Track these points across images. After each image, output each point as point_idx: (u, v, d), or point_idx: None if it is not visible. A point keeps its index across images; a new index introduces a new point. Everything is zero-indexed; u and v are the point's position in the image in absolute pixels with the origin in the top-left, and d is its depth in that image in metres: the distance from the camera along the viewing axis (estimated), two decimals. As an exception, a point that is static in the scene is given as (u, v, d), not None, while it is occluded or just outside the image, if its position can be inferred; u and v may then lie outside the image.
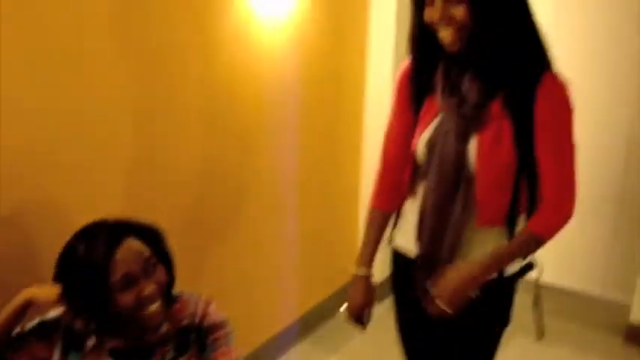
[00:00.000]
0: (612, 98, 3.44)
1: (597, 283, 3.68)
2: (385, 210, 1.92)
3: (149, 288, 1.44)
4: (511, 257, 1.72)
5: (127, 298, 1.43)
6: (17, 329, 1.56)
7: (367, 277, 1.91)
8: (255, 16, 2.54)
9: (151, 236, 1.51)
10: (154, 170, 2.24)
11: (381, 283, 2.07)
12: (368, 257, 1.91)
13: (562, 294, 3.66)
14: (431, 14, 1.58)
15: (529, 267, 1.81)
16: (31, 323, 1.58)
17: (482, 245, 1.72)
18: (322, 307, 3.43)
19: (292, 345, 3.22)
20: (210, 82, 2.42)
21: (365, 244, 1.92)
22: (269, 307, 3.04)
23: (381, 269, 2.02)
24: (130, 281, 1.43)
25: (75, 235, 1.49)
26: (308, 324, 3.33)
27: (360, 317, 1.92)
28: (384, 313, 2.02)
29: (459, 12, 1.53)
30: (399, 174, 1.86)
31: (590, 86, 3.39)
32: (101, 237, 1.44)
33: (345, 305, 1.93)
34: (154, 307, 1.46)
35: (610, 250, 3.61)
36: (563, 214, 1.67)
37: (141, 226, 1.51)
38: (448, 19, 1.55)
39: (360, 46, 3.31)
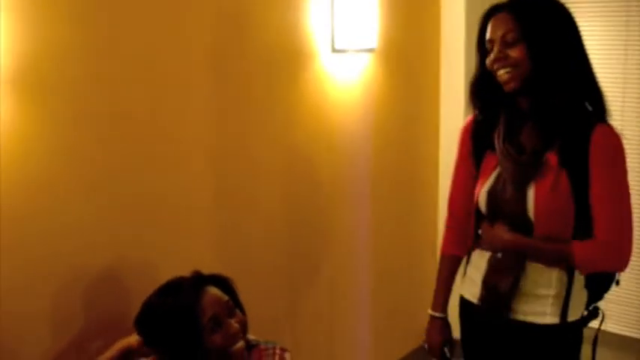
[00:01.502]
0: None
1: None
2: (455, 255, 2.03)
3: (234, 326, 1.62)
4: (539, 252, 1.78)
5: (216, 338, 1.61)
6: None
7: (442, 318, 2.03)
8: (330, 76, 2.72)
9: (225, 284, 1.70)
10: (235, 229, 2.41)
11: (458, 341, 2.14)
12: (441, 302, 2.03)
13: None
14: (490, 58, 1.73)
15: (594, 314, 1.86)
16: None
17: (545, 284, 1.79)
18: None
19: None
20: (290, 136, 2.60)
21: (438, 290, 2.04)
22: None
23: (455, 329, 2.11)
24: (217, 322, 1.61)
25: (160, 290, 1.69)
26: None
27: (440, 354, 2.03)
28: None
29: (516, 53, 1.68)
30: (465, 222, 1.97)
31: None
32: (185, 288, 1.63)
33: (425, 343, 2.06)
34: (240, 344, 1.63)
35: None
36: (611, 256, 1.74)
37: (215, 276, 1.70)
38: (504, 60, 1.69)
39: (434, 97, 3.42)
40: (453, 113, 3.36)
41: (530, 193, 1.74)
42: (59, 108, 1.83)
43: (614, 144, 1.71)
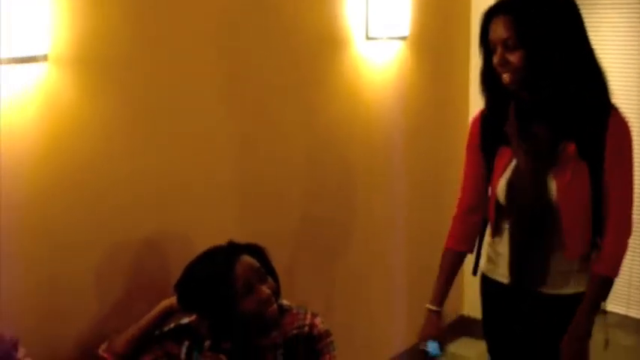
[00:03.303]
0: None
1: None
2: (458, 250, 2.09)
3: (266, 292, 1.73)
4: (595, 305, 1.88)
5: (249, 303, 1.73)
6: (157, 331, 1.89)
7: (438, 312, 2.06)
8: (365, 62, 2.82)
9: (258, 252, 1.82)
10: (263, 202, 2.52)
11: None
12: (440, 296, 2.07)
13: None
14: (494, 60, 1.79)
15: None
16: (169, 326, 1.91)
17: (570, 275, 1.89)
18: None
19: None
20: (325, 118, 2.72)
21: (438, 284, 2.08)
22: (367, 337, 3.21)
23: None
24: (249, 288, 1.72)
25: (197, 259, 1.82)
26: (413, 355, 3.44)
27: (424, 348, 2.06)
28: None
29: (515, 58, 1.73)
30: (472, 217, 2.05)
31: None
32: (220, 256, 1.76)
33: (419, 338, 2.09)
34: (273, 308, 1.74)
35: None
36: (621, 247, 1.84)
37: (249, 245, 1.82)
38: (506, 64, 1.76)
39: (463, 84, 3.49)
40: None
41: (552, 184, 1.82)
42: (109, 85, 1.96)
43: (626, 131, 1.79)
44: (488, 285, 2.09)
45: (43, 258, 1.84)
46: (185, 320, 1.91)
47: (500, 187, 1.91)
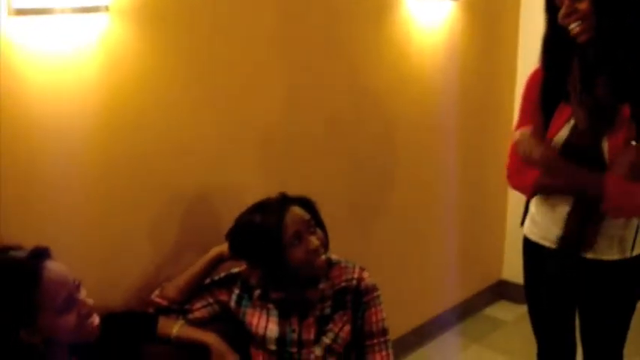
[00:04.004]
0: None
1: None
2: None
3: (314, 242, 1.76)
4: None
5: (298, 252, 1.76)
6: (208, 280, 1.95)
7: None
8: (415, 21, 2.82)
9: (308, 205, 1.85)
10: (310, 157, 2.55)
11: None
12: None
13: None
14: (561, 13, 1.77)
15: None
16: (219, 275, 1.97)
17: (620, 226, 1.88)
18: (469, 303, 3.60)
19: (439, 333, 3.41)
20: (376, 77, 2.73)
21: None
22: (415, 292, 3.25)
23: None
24: (299, 238, 1.76)
25: (249, 209, 1.86)
26: (452, 316, 3.50)
27: None
28: (526, 313, 2.23)
29: (583, 5, 1.72)
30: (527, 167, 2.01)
31: None
32: (272, 206, 1.79)
33: None
34: (321, 259, 1.76)
35: None
36: None
37: (299, 197, 1.86)
38: (574, 13, 1.74)
39: (512, 46, 3.46)
40: (531, 63, 3.38)
41: (605, 145, 1.80)
42: (169, 37, 1.99)
43: None
44: (531, 247, 2.10)
45: (103, 210, 1.90)
46: (235, 270, 1.97)
47: (556, 144, 1.90)
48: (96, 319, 1.47)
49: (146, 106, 1.96)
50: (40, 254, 1.41)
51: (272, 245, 1.74)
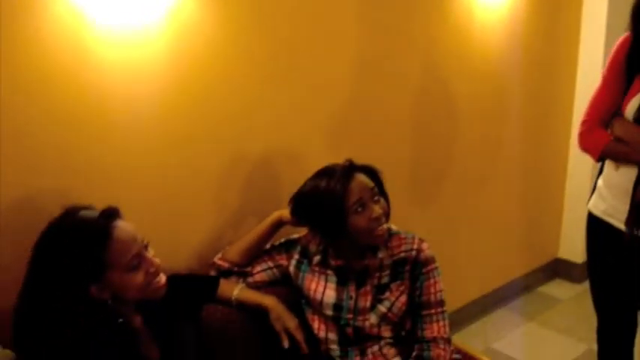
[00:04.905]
0: None
1: None
2: None
3: (377, 211, 1.77)
4: None
5: (360, 220, 1.76)
6: (269, 244, 1.99)
7: None
8: (474, 5, 2.80)
9: (373, 173, 1.85)
10: (375, 130, 2.59)
11: (582, 264, 2.20)
12: None
13: None
14: None
15: None
16: (279, 240, 2.01)
17: None
18: (525, 280, 3.57)
19: (494, 309, 3.42)
20: (440, 52, 2.72)
21: None
22: (473, 265, 3.26)
23: (582, 253, 2.16)
24: (362, 205, 1.76)
25: (315, 174, 1.86)
26: (508, 292, 3.49)
27: None
28: (582, 291, 2.20)
29: None
30: (602, 126, 2.01)
31: None
32: (337, 172, 1.79)
33: None
34: (383, 227, 1.77)
35: None
36: None
37: (365, 165, 1.86)
38: None
39: (574, 32, 3.41)
40: (592, 44, 3.33)
41: None
42: (244, 15, 2.03)
43: None
44: (595, 223, 2.08)
45: (170, 175, 1.96)
46: (295, 235, 2.00)
47: (632, 105, 1.89)
48: (163, 278, 1.52)
49: (216, 80, 1.99)
50: (111, 214, 1.45)
51: (335, 211, 1.75)
